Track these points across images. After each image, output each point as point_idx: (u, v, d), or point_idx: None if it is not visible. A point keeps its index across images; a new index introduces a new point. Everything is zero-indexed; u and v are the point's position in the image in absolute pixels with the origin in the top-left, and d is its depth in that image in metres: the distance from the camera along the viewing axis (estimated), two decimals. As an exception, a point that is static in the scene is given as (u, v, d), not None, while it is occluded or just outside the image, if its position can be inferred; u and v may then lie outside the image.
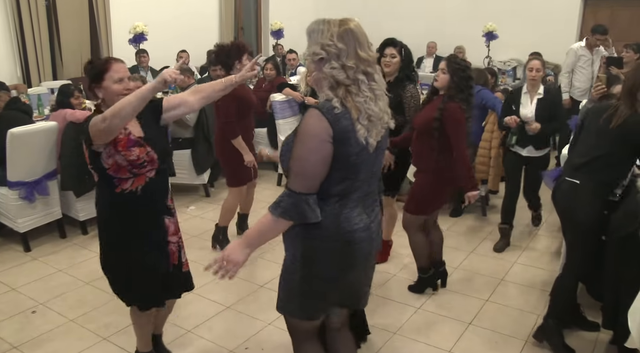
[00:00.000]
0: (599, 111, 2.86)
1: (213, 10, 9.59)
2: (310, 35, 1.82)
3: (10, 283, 3.70)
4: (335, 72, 1.77)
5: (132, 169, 2.32)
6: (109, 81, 2.33)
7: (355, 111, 1.78)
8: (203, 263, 4.11)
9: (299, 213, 1.78)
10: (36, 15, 6.91)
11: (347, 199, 1.88)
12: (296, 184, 1.78)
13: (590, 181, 2.80)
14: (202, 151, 5.34)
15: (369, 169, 1.90)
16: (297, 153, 1.78)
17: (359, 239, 1.91)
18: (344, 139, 1.76)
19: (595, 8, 8.88)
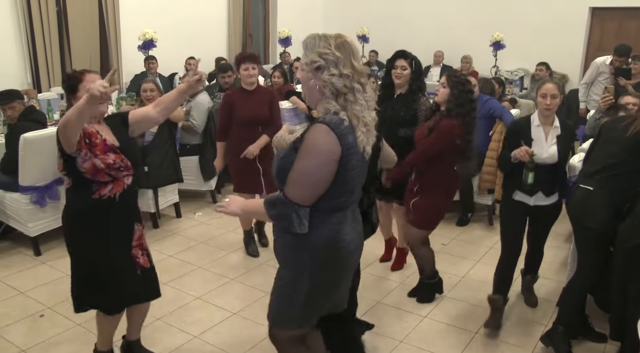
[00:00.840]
0: (616, 122, 2.96)
1: (221, 18, 9.67)
2: (307, 46, 1.87)
3: (19, 287, 3.73)
4: (335, 79, 1.82)
5: (110, 172, 2.40)
6: (83, 90, 2.38)
7: (355, 119, 1.82)
8: (209, 269, 4.16)
9: (287, 221, 1.85)
10: (47, 21, 7.00)
11: (346, 211, 1.96)
12: (294, 194, 1.82)
13: (604, 189, 2.84)
14: (210, 158, 5.35)
15: (362, 180, 1.98)
16: (301, 166, 1.81)
17: (358, 247, 2.05)
18: (349, 154, 1.81)
19: (603, 19, 8.90)
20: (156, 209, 4.85)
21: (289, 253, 2.00)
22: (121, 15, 7.89)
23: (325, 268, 1.96)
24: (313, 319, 2.12)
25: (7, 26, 6.80)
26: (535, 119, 3.20)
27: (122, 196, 2.46)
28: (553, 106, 3.08)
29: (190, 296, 3.66)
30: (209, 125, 5.34)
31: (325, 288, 2.02)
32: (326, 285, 2.01)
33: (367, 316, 3.44)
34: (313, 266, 1.95)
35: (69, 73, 2.58)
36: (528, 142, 3.13)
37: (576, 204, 2.97)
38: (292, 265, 2.01)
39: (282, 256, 2.05)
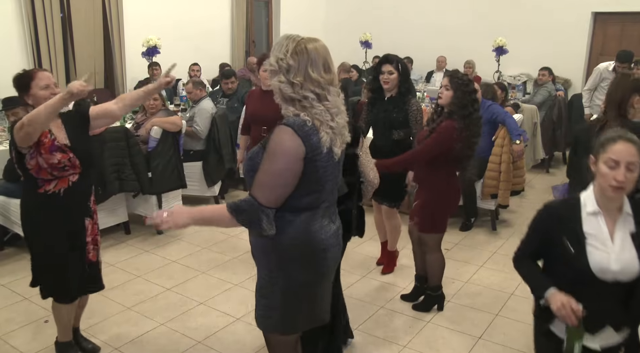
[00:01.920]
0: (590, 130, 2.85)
1: (225, 24, 9.71)
2: (273, 49, 1.89)
3: (23, 292, 3.74)
4: (282, 86, 1.83)
5: (53, 172, 2.52)
6: (36, 88, 2.55)
7: (317, 121, 1.83)
8: (213, 274, 4.17)
9: (257, 224, 1.83)
10: (51, 27, 7.04)
11: (317, 209, 1.95)
12: (260, 195, 1.82)
13: None
14: (213, 163, 5.39)
15: (334, 180, 1.98)
16: (267, 168, 1.82)
17: (331, 245, 2.01)
18: (315, 154, 1.82)
19: (606, 23, 8.89)
20: (160, 214, 4.85)
21: (262, 256, 2.02)
22: (125, 21, 7.93)
23: (296, 268, 1.96)
24: (297, 325, 2.10)
25: (12, 32, 6.85)
26: (589, 201, 1.95)
27: (66, 192, 2.57)
28: (628, 182, 1.84)
29: (194, 301, 3.67)
30: (212, 131, 5.36)
31: (300, 289, 2.00)
32: (300, 286, 2.00)
33: (370, 321, 3.45)
34: (284, 267, 1.97)
35: (19, 72, 2.66)
36: (579, 242, 1.92)
37: None
38: (266, 268, 2.02)
39: (257, 259, 2.06)
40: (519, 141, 4.74)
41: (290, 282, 1.98)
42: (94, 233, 2.79)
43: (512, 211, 5.47)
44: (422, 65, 9.94)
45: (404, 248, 4.43)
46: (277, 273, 1.98)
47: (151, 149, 4.70)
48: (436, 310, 3.59)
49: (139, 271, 4.07)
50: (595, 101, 6.38)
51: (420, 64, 9.92)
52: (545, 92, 7.46)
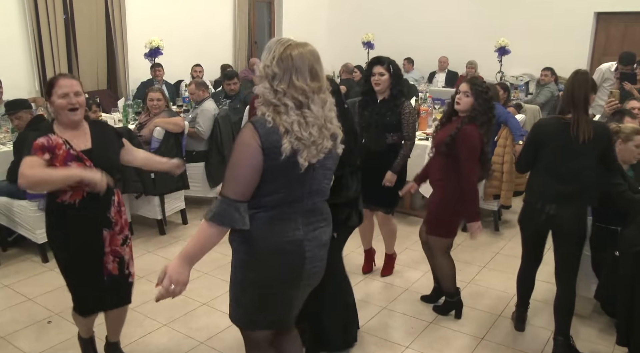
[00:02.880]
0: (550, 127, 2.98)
1: (227, 26, 9.73)
2: (264, 52, 1.92)
3: (27, 293, 3.76)
4: (266, 92, 1.86)
5: (69, 184, 2.42)
6: (55, 96, 2.42)
7: (283, 128, 1.84)
8: (215, 275, 4.17)
9: (228, 217, 1.85)
10: (54, 29, 7.07)
11: (279, 210, 1.94)
12: (229, 190, 1.86)
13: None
14: (216, 164, 5.39)
15: (306, 186, 1.95)
16: (231, 160, 1.87)
17: (286, 251, 1.96)
18: (273, 153, 1.83)
19: (608, 23, 8.89)
20: (163, 216, 4.87)
21: (233, 252, 2.05)
22: (128, 23, 7.96)
23: (250, 266, 1.99)
24: (253, 322, 2.10)
25: (15, 35, 6.88)
26: None
27: (82, 203, 2.48)
28: None
29: (197, 302, 3.68)
30: (214, 132, 5.37)
31: (259, 288, 2.01)
32: (253, 285, 2.00)
33: (373, 322, 3.45)
34: (242, 263, 2.01)
35: (54, 76, 2.59)
36: None
37: None
38: (233, 263, 2.06)
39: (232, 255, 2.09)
40: (522, 141, 4.73)
41: (245, 278, 2.01)
42: (115, 244, 2.63)
43: (514, 212, 5.42)
44: (424, 65, 9.95)
45: (407, 249, 4.44)
46: (237, 266, 2.03)
47: (154, 149, 4.71)
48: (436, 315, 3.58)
49: (142, 272, 4.08)
50: (597, 102, 6.36)
51: (422, 65, 9.92)
52: (548, 92, 7.45)
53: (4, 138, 5.02)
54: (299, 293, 2.12)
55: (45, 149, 2.37)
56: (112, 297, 2.70)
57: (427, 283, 3.87)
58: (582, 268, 3.38)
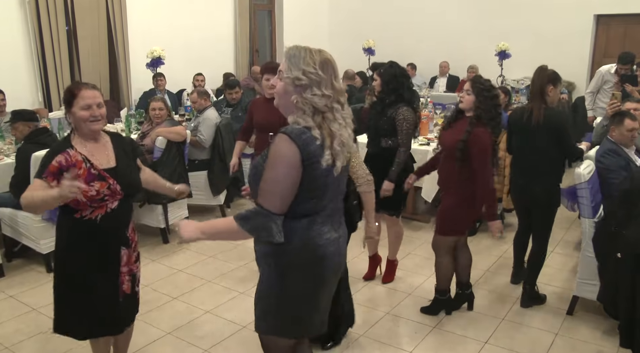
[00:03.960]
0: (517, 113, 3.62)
1: (228, 34, 9.78)
2: (290, 59, 1.88)
3: (31, 303, 3.77)
4: (316, 99, 1.84)
5: (92, 204, 2.34)
6: (76, 107, 2.33)
7: (329, 137, 1.84)
8: (219, 283, 4.18)
9: (267, 232, 1.85)
10: (57, 40, 7.13)
11: (316, 216, 1.95)
12: (268, 203, 1.84)
13: None
14: (218, 172, 5.41)
15: (335, 189, 1.98)
16: (268, 175, 1.84)
17: (330, 253, 1.99)
18: (312, 163, 1.83)
19: (608, 25, 8.90)
20: (166, 224, 4.89)
21: (263, 260, 2.03)
22: (130, 33, 8.01)
23: (294, 274, 1.97)
24: (291, 331, 2.10)
25: (18, 46, 6.94)
26: None
27: (103, 219, 2.38)
28: None
29: (200, 310, 3.69)
30: (216, 140, 5.39)
31: (296, 296, 2.00)
32: (296, 293, 2.00)
33: (376, 327, 3.46)
34: (282, 273, 1.98)
35: (69, 86, 2.47)
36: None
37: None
38: (266, 271, 2.03)
39: (259, 263, 2.08)
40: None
41: (286, 288, 1.99)
42: (130, 263, 2.55)
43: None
44: (425, 70, 9.97)
45: (410, 254, 4.44)
46: (275, 278, 1.99)
47: (156, 158, 4.74)
48: (442, 315, 3.59)
49: (146, 281, 4.08)
50: (598, 104, 6.36)
51: (423, 70, 9.95)
52: None
53: (7, 149, 5.05)
54: (331, 294, 2.16)
55: (61, 172, 2.25)
56: (125, 318, 2.62)
57: (431, 288, 3.87)
58: (585, 271, 3.39)
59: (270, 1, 10.81)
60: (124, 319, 2.63)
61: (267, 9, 10.83)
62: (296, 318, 2.05)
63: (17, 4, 6.86)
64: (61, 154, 2.30)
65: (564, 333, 3.36)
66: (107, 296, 2.49)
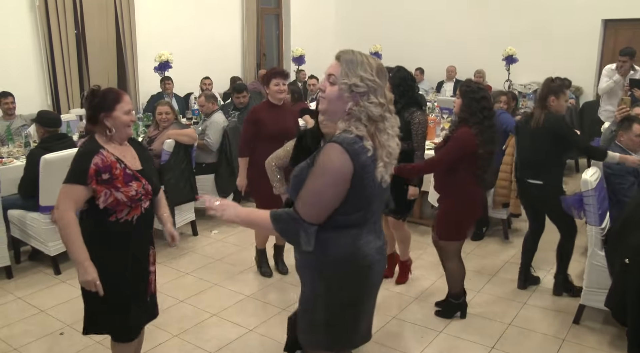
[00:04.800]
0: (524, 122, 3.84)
1: (236, 38, 9.83)
2: (348, 64, 1.80)
3: (39, 305, 3.80)
4: (372, 107, 1.78)
5: (131, 204, 2.36)
6: (120, 111, 2.36)
7: (380, 149, 1.80)
8: (225, 286, 4.19)
9: (294, 237, 1.82)
10: (66, 44, 7.19)
11: (363, 226, 1.91)
12: (305, 212, 1.80)
13: None
14: (225, 176, 5.43)
15: (380, 200, 1.94)
16: (313, 185, 1.79)
17: (376, 261, 1.96)
18: (362, 174, 1.77)
19: (616, 29, 8.87)
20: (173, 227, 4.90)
21: (306, 271, 1.98)
22: (138, 37, 8.07)
23: (341, 285, 1.92)
24: (342, 343, 2.06)
25: (28, 49, 7.00)
26: None
27: (139, 220, 2.41)
28: None
29: (207, 313, 3.70)
30: (224, 143, 5.42)
31: (344, 307, 1.96)
32: (344, 303, 1.95)
33: (383, 331, 3.45)
34: (329, 284, 1.92)
35: (110, 90, 2.46)
36: None
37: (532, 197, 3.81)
38: (310, 284, 1.98)
39: (302, 276, 2.03)
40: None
41: (334, 299, 1.94)
42: (154, 263, 2.62)
43: (524, 220, 5.41)
44: (432, 75, 9.97)
45: (417, 259, 4.43)
46: (322, 289, 1.94)
47: (164, 161, 4.76)
48: (449, 320, 3.58)
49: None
50: (604, 107, 6.36)
51: (430, 74, 9.95)
52: None
53: (17, 152, 5.09)
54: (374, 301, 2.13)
55: (99, 174, 2.27)
56: (149, 317, 2.64)
57: (437, 292, 3.87)
58: (592, 279, 3.37)
59: (277, 5, 10.85)
60: (147, 318, 2.64)
61: (274, 13, 10.88)
62: (345, 329, 1.99)
63: (27, 7, 6.93)
64: (96, 156, 2.29)
65: (571, 339, 3.35)
66: (141, 296, 2.52)
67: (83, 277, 2.26)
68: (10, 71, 6.67)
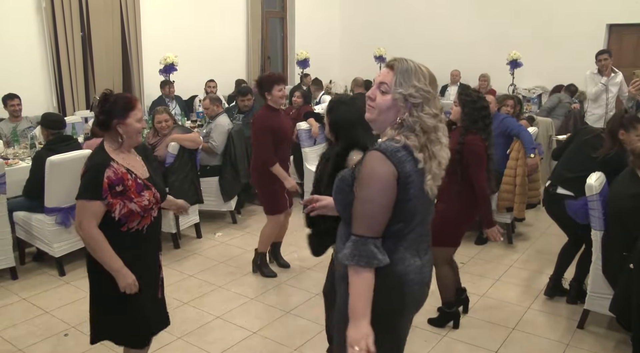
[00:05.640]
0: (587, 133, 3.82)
1: (240, 41, 9.85)
2: (403, 74, 1.74)
3: (44, 306, 3.81)
4: (427, 118, 1.73)
5: (143, 214, 2.37)
6: (133, 118, 2.35)
7: (431, 160, 1.74)
8: (229, 289, 4.20)
9: (368, 256, 1.71)
10: (72, 47, 7.22)
11: (401, 240, 1.81)
12: (363, 228, 1.72)
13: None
14: (230, 178, 5.45)
15: (424, 213, 1.85)
16: (362, 196, 1.72)
17: (412, 282, 1.84)
18: (407, 183, 1.71)
19: (621, 34, 8.86)
20: (177, 229, 4.92)
21: (340, 282, 1.89)
22: (143, 39, 8.10)
23: (378, 300, 1.77)
24: None
25: (34, 52, 7.04)
26: None
27: (149, 228, 2.42)
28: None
29: (211, 315, 3.71)
30: (228, 146, 5.43)
31: (381, 320, 1.82)
32: (381, 317, 1.81)
33: (386, 335, 3.45)
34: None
35: (124, 95, 2.43)
36: None
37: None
38: (343, 298, 1.87)
39: (337, 290, 1.92)
40: (533, 154, 4.73)
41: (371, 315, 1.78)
42: (161, 267, 2.63)
43: (528, 225, 5.45)
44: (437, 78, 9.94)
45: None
46: None
47: (168, 164, 4.78)
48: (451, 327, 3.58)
49: (157, 286, 4.13)
50: (592, 111, 6.43)
51: (434, 78, 9.94)
52: (555, 98, 7.47)
53: (23, 153, 5.12)
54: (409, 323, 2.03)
55: (112, 187, 2.26)
56: (160, 322, 2.64)
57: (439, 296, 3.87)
58: (596, 284, 3.36)
59: (282, 9, 10.88)
60: (158, 324, 2.63)
61: (279, 17, 10.91)
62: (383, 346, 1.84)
63: (34, 9, 6.96)
64: (107, 169, 2.27)
65: (575, 345, 3.34)
66: (151, 303, 2.52)
67: (124, 282, 2.30)
68: (17, 73, 6.71)
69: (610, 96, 6.27)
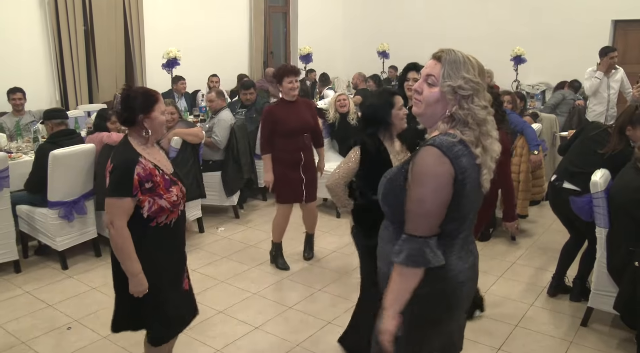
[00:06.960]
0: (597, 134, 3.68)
1: (243, 36, 9.83)
2: (451, 65, 1.69)
3: (47, 299, 3.81)
4: (477, 110, 1.67)
5: (172, 209, 2.36)
6: (158, 111, 2.34)
7: (486, 154, 1.69)
8: (232, 283, 4.19)
9: (422, 257, 1.65)
10: (75, 41, 7.22)
11: (456, 238, 1.75)
12: (416, 227, 1.67)
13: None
14: (232, 173, 5.44)
15: (474, 210, 1.79)
16: (416, 194, 1.65)
17: (467, 278, 1.80)
18: (463, 178, 1.64)
19: (626, 31, 8.82)
20: (180, 224, 4.92)
21: (386, 284, 1.80)
22: (146, 34, 8.09)
23: (424, 302, 1.73)
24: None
25: (37, 46, 7.03)
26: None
27: (177, 222, 2.42)
28: None
29: (213, 310, 3.70)
30: (231, 141, 5.42)
31: (428, 323, 1.79)
32: (426, 322, 1.78)
33: (389, 331, 3.44)
34: (410, 299, 1.72)
35: (147, 90, 2.40)
36: None
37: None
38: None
39: (382, 286, 1.85)
40: (537, 151, 4.72)
41: (416, 315, 1.75)
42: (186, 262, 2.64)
43: (531, 221, 5.43)
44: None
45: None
46: (413, 307, 1.74)
47: (171, 158, 4.75)
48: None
49: (159, 280, 4.13)
50: (592, 108, 6.39)
51: (437, 74, 9.92)
52: (559, 94, 7.44)
53: (26, 147, 5.12)
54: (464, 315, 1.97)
55: (141, 184, 2.25)
56: (189, 314, 2.65)
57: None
58: (600, 281, 3.35)
59: (285, 4, 10.85)
60: (188, 316, 2.65)
61: (282, 12, 10.88)
62: (425, 347, 1.83)
63: (37, 4, 6.96)
64: (137, 165, 2.25)
65: (578, 342, 3.33)
66: (179, 296, 2.53)
67: (137, 288, 2.31)
68: (20, 67, 6.71)
69: (612, 93, 6.22)
